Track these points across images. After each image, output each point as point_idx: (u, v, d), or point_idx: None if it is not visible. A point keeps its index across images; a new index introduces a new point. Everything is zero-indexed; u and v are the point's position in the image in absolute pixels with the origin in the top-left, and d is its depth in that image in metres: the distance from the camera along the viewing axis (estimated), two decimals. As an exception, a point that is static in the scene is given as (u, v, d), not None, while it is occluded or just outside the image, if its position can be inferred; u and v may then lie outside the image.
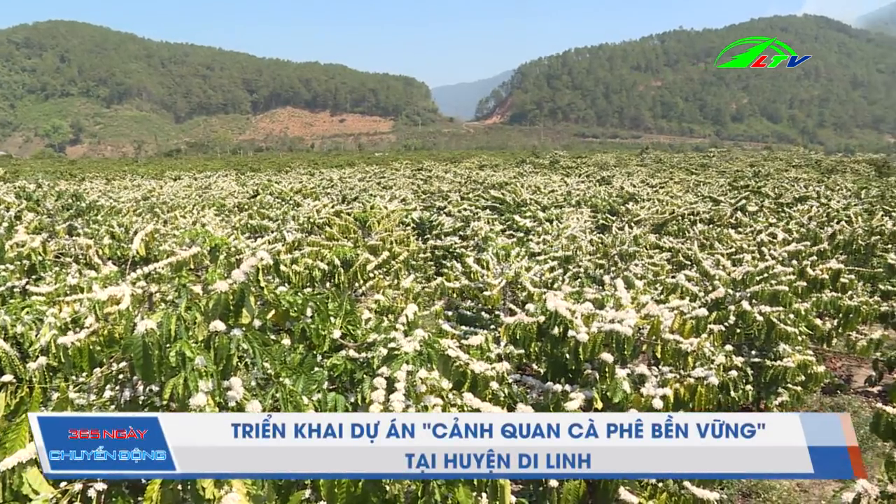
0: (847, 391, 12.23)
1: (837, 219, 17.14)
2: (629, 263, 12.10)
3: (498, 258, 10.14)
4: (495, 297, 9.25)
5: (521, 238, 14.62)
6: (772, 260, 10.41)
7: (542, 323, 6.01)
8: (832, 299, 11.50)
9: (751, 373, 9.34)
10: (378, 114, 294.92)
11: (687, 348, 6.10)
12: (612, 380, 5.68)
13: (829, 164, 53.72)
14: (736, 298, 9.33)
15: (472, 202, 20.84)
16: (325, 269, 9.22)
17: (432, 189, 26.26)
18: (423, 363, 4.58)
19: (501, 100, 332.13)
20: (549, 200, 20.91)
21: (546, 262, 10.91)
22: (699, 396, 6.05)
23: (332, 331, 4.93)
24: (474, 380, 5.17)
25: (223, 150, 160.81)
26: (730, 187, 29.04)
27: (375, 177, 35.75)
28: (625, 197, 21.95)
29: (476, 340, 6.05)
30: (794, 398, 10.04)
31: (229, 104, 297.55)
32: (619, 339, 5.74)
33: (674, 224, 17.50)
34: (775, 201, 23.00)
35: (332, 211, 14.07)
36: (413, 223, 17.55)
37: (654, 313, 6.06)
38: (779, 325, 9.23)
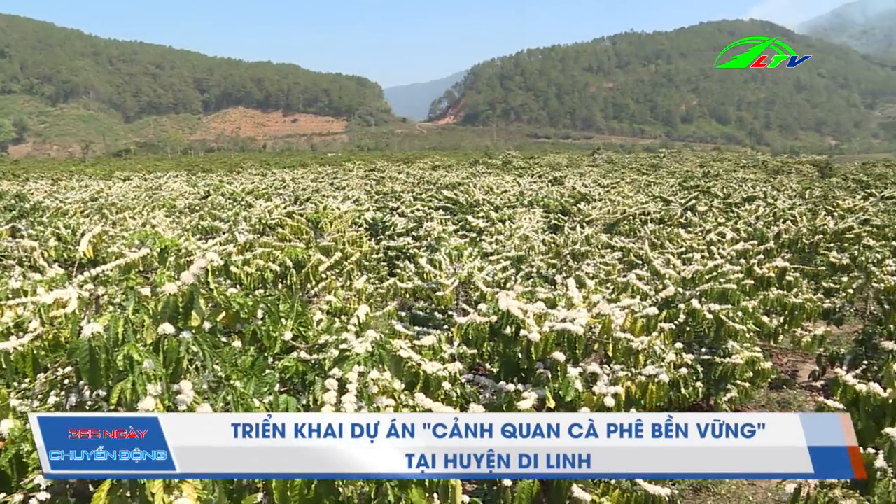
0: (793, 386, 12.49)
1: (783, 218, 17.49)
2: (581, 263, 12.20)
3: (451, 258, 10.15)
4: (448, 298, 9.26)
5: (474, 238, 14.65)
6: (720, 259, 10.56)
7: (494, 323, 6.03)
8: (778, 297, 11.72)
9: (700, 370, 9.46)
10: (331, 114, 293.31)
11: (638, 346, 6.17)
12: (564, 379, 5.71)
13: (775, 165, 54.81)
14: (686, 297, 9.45)
15: (425, 202, 20.82)
16: (277, 270, 9.14)
17: (385, 189, 26.20)
18: (375, 364, 4.57)
19: (454, 100, 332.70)
20: (501, 200, 20.99)
21: (499, 261, 10.95)
22: (650, 394, 6.12)
23: (283, 332, 4.89)
24: (426, 380, 5.17)
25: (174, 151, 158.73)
26: (680, 187, 29.46)
27: (328, 177, 35.56)
28: (577, 197, 22.11)
29: (428, 341, 6.05)
30: (742, 394, 10.22)
31: (180, 104, 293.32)
32: (571, 338, 5.78)
33: (625, 224, 17.67)
34: (724, 201, 23.39)
35: (284, 212, 13.95)
36: (366, 224, 17.48)
37: (605, 312, 6.11)
38: (727, 323, 9.37)
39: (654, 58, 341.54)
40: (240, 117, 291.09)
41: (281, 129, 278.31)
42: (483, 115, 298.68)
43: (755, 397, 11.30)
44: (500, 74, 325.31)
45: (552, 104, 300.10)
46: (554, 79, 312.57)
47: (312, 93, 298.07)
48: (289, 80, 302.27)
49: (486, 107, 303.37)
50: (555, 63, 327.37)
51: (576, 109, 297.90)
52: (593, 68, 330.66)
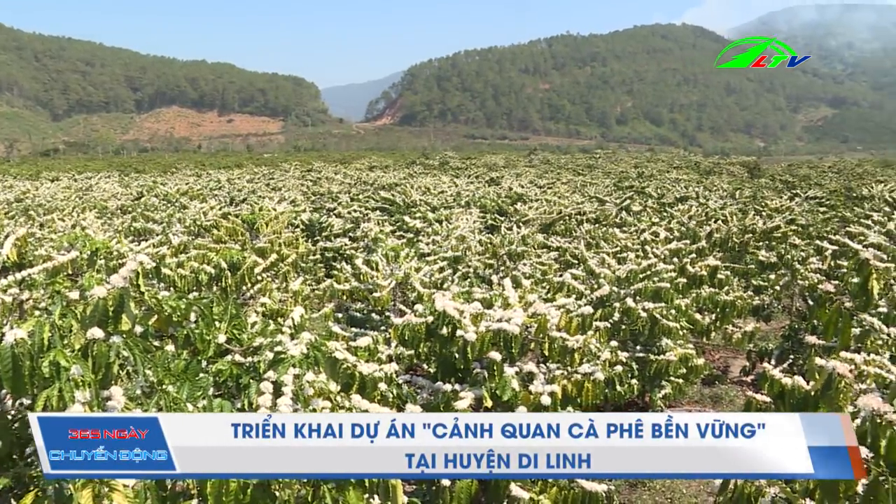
0: (724, 381, 12.80)
1: (714, 218, 17.88)
2: (517, 263, 12.28)
3: (387, 259, 10.14)
4: (385, 299, 9.25)
5: (411, 239, 14.64)
6: (654, 258, 10.75)
7: (430, 323, 6.04)
8: (710, 295, 11.96)
9: (635, 367, 9.61)
10: (267, 114, 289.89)
11: (573, 345, 6.24)
12: (500, 378, 5.75)
13: (706, 165, 56.01)
14: (621, 296, 9.58)
15: (362, 203, 20.75)
16: (211, 272, 9.00)
17: (322, 190, 26.02)
18: (310, 366, 4.53)
19: (391, 101, 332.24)
20: (438, 201, 21.02)
21: (435, 262, 10.96)
22: (586, 392, 6.20)
23: (217, 336, 4.82)
24: (362, 381, 5.15)
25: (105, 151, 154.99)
26: (615, 188, 29.88)
27: (264, 178, 35.11)
28: (513, 197, 22.25)
29: (364, 342, 6.04)
30: (676, 390, 10.41)
31: (111, 102, 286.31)
32: (507, 337, 5.82)
33: (561, 224, 17.84)
34: (658, 201, 23.80)
35: (219, 213, 13.76)
36: (302, 225, 17.32)
37: (541, 312, 6.17)
38: (661, 321, 9.53)
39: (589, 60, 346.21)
40: (174, 117, 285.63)
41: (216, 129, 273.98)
42: (420, 115, 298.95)
43: (689, 393, 11.53)
44: (437, 75, 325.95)
45: (489, 105, 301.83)
46: (491, 80, 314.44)
47: (248, 92, 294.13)
48: (224, 80, 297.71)
49: (423, 107, 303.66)
50: (491, 64, 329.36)
51: (512, 110, 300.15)
52: (530, 70, 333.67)
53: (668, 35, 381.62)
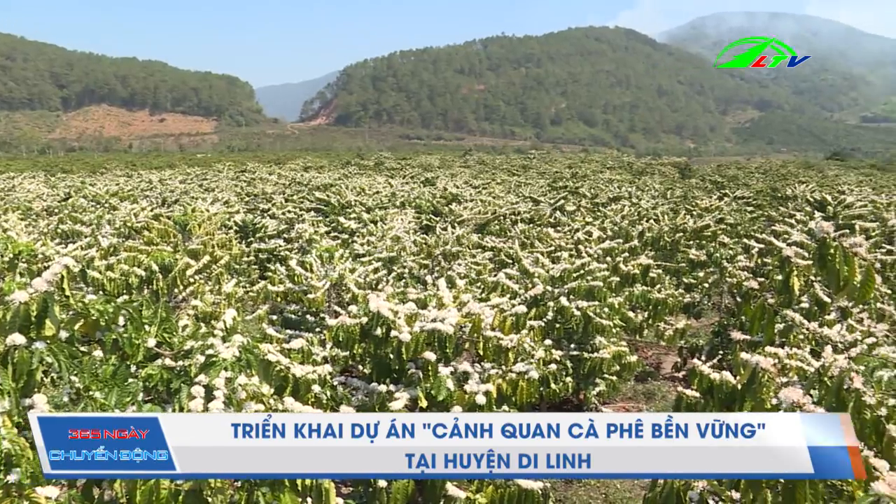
0: (657, 378, 13.03)
1: (647, 217, 18.21)
2: (452, 263, 12.32)
3: (322, 260, 10.07)
4: (319, 300, 9.19)
5: (346, 240, 14.59)
6: (588, 257, 10.90)
7: (364, 324, 6.02)
8: (643, 293, 12.18)
9: (570, 365, 9.73)
10: (200, 114, 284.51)
11: (507, 344, 6.29)
12: (435, 378, 5.76)
13: (639, 166, 57.02)
14: (554, 294, 9.69)
15: (297, 204, 20.59)
16: (142, 275, 8.83)
17: (256, 191, 25.72)
18: (243, 369, 4.48)
19: (327, 101, 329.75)
20: (373, 202, 20.95)
21: (370, 263, 10.93)
22: (521, 390, 6.25)
23: (146, 339, 4.72)
24: (296, 384, 5.11)
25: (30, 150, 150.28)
26: (549, 188, 30.18)
27: (197, 179, 34.52)
28: (448, 198, 22.30)
29: (297, 344, 5.98)
30: (610, 387, 10.56)
31: (36, 99, 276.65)
32: (442, 337, 5.84)
33: (496, 224, 17.94)
34: (591, 201, 24.11)
35: (150, 214, 13.50)
36: (236, 226, 17.11)
37: (475, 311, 6.20)
38: (595, 319, 9.66)
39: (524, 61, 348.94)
40: (103, 115, 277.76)
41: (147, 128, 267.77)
42: (355, 116, 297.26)
43: (622, 390, 11.71)
44: (372, 75, 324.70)
45: (424, 106, 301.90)
46: (426, 80, 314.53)
47: (181, 91, 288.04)
48: (156, 78, 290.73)
49: (358, 108, 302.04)
50: (427, 65, 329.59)
51: (448, 111, 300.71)
52: (465, 70, 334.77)
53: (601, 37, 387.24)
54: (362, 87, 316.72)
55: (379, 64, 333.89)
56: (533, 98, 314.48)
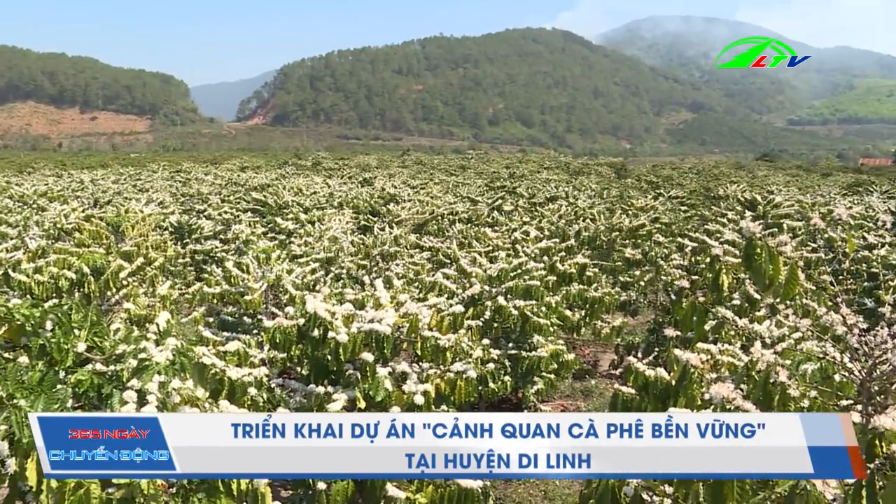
0: (594, 375, 13.20)
1: (583, 217, 18.45)
2: (390, 263, 12.30)
3: (259, 261, 9.96)
4: (256, 301, 9.09)
5: (283, 240, 14.47)
6: (525, 256, 10.98)
7: (301, 325, 5.98)
8: (579, 291, 12.33)
9: (508, 364, 9.79)
10: (134, 112, 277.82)
11: (445, 344, 6.31)
12: (373, 379, 5.75)
13: (576, 166, 57.80)
14: (492, 294, 9.74)
15: (233, 205, 20.35)
16: (72, 277, 8.62)
17: (192, 192, 25.36)
18: (177, 373, 4.41)
19: (264, 100, 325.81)
20: (311, 202, 20.81)
21: (308, 263, 10.86)
22: (459, 390, 6.27)
23: (76, 344, 4.60)
24: (232, 387, 5.05)
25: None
26: (487, 188, 30.37)
27: (131, 179, 33.85)
28: (386, 198, 22.28)
29: (233, 346, 5.91)
30: (548, 385, 10.66)
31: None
32: (379, 338, 5.83)
33: (434, 224, 17.97)
34: (529, 201, 24.32)
35: (82, 215, 13.18)
36: (171, 227, 16.83)
37: (412, 311, 6.21)
38: (532, 318, 9.74)
39: (462, 62, 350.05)
40: (30, 113, 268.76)
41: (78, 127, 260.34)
42: (293, 115, 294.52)
43: (560, 388, 11.83)
44: (310, 75, 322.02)
45: (362, 105, 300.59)
46: (364, 80, 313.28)
47: (113, 89, 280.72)
48: (86, 75, 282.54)
49: (295, 107, 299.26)
50: (365, 65, 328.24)
51: (386, 111, 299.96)
52: (403, 71, 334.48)
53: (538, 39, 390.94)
54: (300, 86, 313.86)
55: (317, 63, 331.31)
56: (471, 98, 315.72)
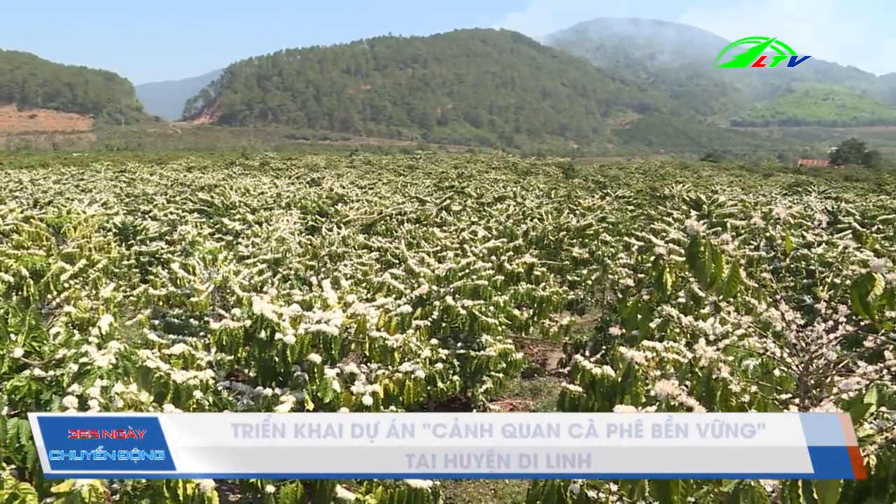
0: (543, 374, 13.32)
1: (531, 217, 18.58)
2: (339, 264, 12.26)
3: (205, 263, 9.85)
4: (203, 303, 8.99)
5: (230, 241, 14.33)
6: (473, 256, 11.03)
7: (248, 327, 5.92)
8: (527, 291, 12.42)
9: (457, 363, 9.83)
10: (76, 110, 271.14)
11: (393, 344, 6.30)
12: (321, 380, 5.72)
13: (524, 166, 58.20)
14: (440, 294, 9.77)
15: (180, 205, 20.10)
16: (10, 280, 8.42)
17: (137, 192, 24.96)
18: (120, 377, 4.33)
19: (210, 99, 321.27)
20: (258, 203, 20.65)
21: (255, 265, 10.78)
22: (408, 390, 6.27)
23: (12, 349, 4.49)
24: (177, 390, 4.97)
25: None
26: (435, 188, 30.41)
27: (73, 179, 33.18)
28: (334, 198, 22.20)
29: (179, 349, 5.83)
30: (497, 384, 10.72)
31: None
32: (327, 339, 5.80)
33: (382, 224, 17.96)
34: (477, 201, 24.43)
35: (20, 216, 12.88)
36: (115, 228, 16.55)
37: (360, 312, 6.19)
38: (480, 318, 9.79)
39: (410, 62, 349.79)
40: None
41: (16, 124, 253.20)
42: (240, 115, 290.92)
43: (509, 387, 11.92)
44: (257, 74, 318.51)
45: (310, 105, 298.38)
46: (312, 80, 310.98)
47: (53, 86, 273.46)
48: (24, 71, 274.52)
49: (243, 107, 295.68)
50: (313, 64, 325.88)
51: (334, 111, 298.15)
52: (351, 70, 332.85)
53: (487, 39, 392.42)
54: (247, 85, 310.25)
55: (264, 62, 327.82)
56: (419, 99, 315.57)
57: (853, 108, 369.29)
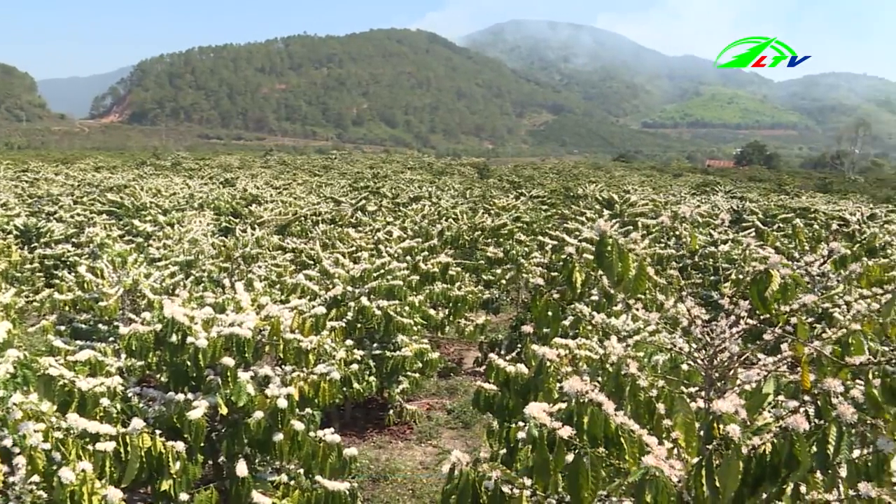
0: (459, 373, 13.42)
1: (446, 217, 18.69)
2: (252, 265, 12.11)
3: (114, 265, 9.58)
4: (112, 307, 8.74)
5: (141, 243, 14.00)
6: (388, 257, 11.04)
7: (159, 331, 5.79)
8: (443, 290, 12.50)
9: (373, 364, 9.83)
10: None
11: (307, 346, 6.26)
12: (235, 383, 5.64)
13: (439, 166, 58.52)
14: (355, 295, 9.75)
15: (87, 206, 19.52)
16: None
17: (40, 192, 24.11)
18: (19, 386, 4.16)
19: (120, 97, 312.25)
20: (170, 203, 20.21)
21: (167, 267, 10.55)
22: (323, 392, 6.24)
23: None
24: (82, 399, 4.83)
25: None
26: (351, 188, 30.32)
27: (-34, 179, 31.82)
28: (248, 199, 21.93)
29: (84, 355, 5.66)
30: (413, 384, 10.77)
31: None
32: (240, 341, 5.72)
33: (297, 225, 17.81)
34: (392, 201, 24.45)
35: None
36: (17, 230, 15.98)
37: (273, 314, 6.13)
38: (396, 318, 9.81)
39: (326, 61, 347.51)
40: None
41: None
42: (151, 113, 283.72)
43: (426, 386, 11.97)
44: (169, 72, 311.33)
45: (224, 104, 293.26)
46: (226, 78, 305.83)
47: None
48: None
49: (154, 105, 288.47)
50: (227, 62, 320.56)
51: (248, 110, 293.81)
52: (266, 69, 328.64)
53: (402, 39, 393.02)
54: (158, 83, 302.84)
55: (176, 60, 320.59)
56: (335, 98, 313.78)
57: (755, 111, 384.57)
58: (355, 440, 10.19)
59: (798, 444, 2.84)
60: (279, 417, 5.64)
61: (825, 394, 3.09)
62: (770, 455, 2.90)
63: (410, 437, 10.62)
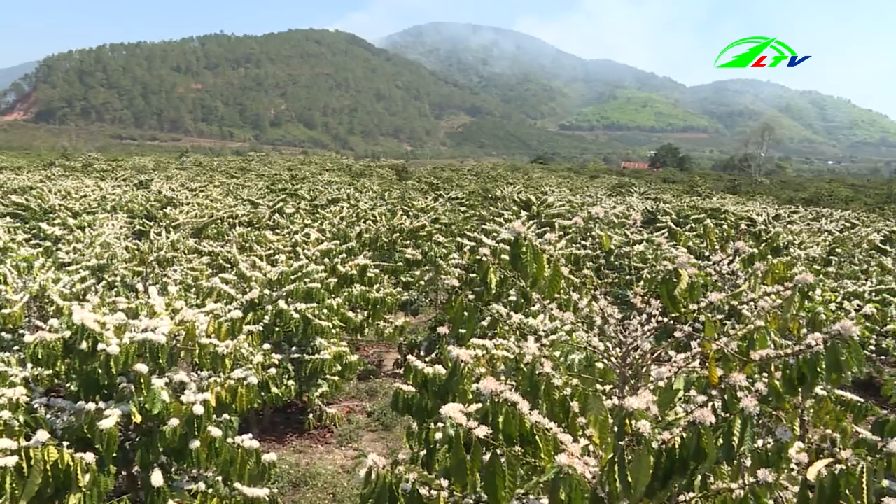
0: (379, 375, 13.41)
1: (365, 218, 18.64)
2: (167, 269, 11.87)
3: (19, 271, 9.27)
4: (17, 315, 8.45)
5: (49, 247, 13.55)
6: (306, 259, 10.96)
7: (68, 338, 5.63)
8: (361, 293, 12.48)
9: (291, 368, 9.75)
10: None
11: (223, 351, 6.17)
12: (149, 391, 5.52)
13: (358, 168, 58.28)
14: (273, 298, 9.65)
15: (-12, 209, 18.77)
16: None
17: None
18: None
19: (24, 94, 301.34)
20: (81, 206, 19.59)
21: (77, 272, 10.26)
22: (241, 397, 6.16)
23: None
24: (-19, 411, 4.66)
25: None
26: (268, 190, 29.95)
27: None
28: (163, 201, 21.43)
29: (-14, 366, 5.46)
30: (332, 387, 10.71)
31: None
32: (154, 347, 5.60)
33: (213, 227, 17.52)
34: (311, 203, 24.24)
35: None
36: None
37: (188, 318, 6.02)
38: (314, 321, 9.76)
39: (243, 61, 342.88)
40: None
41: None
42: (59, 112, 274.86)
43: (345, 389, 11.93)
44: (78, 69, 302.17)
45: (138, 104, 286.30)
46: (140, 77, 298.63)
47: None
48: None
49: (62, 103, 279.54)
50: (140, 60, 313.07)
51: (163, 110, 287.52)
52: (182, 68, 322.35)
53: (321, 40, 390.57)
54: (67, 80, 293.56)
55: (86, 56, 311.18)
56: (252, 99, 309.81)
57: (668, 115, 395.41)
58: (275, 445, 10.09)
59: (705, 437, 2.93)
60: (195, 424, 5.54)
61: (731, 388, 3.21)
62: (679, 449, 3.00)
63: (331, 440, 10.57)
